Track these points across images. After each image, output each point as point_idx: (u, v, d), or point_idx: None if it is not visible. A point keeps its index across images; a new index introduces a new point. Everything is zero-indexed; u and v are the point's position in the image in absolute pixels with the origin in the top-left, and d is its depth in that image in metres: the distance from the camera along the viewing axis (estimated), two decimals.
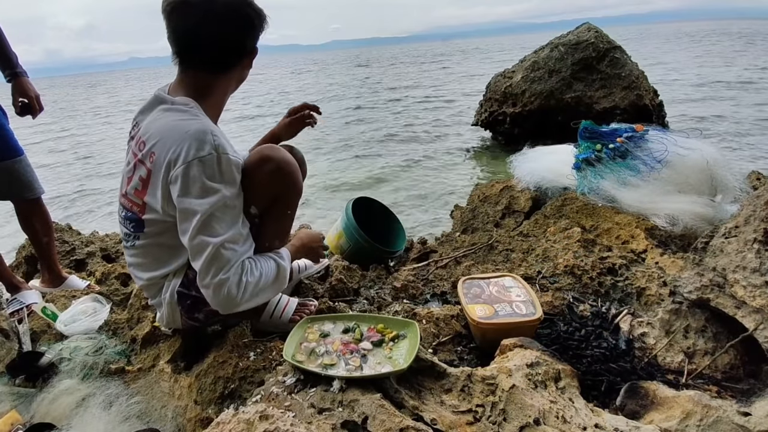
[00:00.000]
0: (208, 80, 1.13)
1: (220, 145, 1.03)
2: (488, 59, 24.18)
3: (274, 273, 1.15)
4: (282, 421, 0.86)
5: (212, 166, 1.01)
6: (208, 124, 1.06)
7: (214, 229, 1.02)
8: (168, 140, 1.03)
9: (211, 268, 1.02)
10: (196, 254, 1.03)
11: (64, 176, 6.59)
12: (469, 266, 1.80)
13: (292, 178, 1.18)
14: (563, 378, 1.05)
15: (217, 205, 1.02)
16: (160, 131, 1.06)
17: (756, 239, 1.15)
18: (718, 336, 1.17)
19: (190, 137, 1.01)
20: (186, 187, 1.01)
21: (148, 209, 1.11)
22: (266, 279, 1.12)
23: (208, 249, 1.01)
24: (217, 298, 1.05)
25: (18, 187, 1.72)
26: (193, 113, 1.07)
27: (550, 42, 5.55)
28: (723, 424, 0.90)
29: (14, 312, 1.64)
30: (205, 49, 1.08)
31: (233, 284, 1.04)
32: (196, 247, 1.03)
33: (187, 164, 1.00)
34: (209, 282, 1.03)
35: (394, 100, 11.53)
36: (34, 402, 1.24)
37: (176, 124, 1.05)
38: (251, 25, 1.10)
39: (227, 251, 1.03)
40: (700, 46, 21.62)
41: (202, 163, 1.00)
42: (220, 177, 1.03)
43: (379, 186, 4.84)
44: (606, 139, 2.12)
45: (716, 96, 8.14)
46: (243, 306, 1.08)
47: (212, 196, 1.02)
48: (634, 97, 4.96)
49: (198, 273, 1.04)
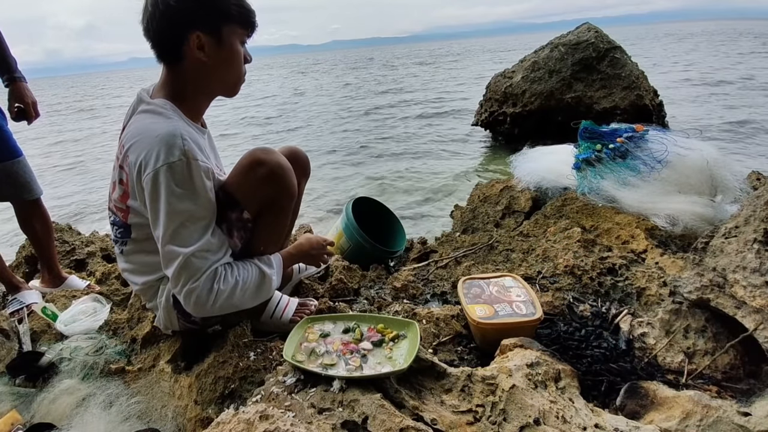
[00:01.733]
0: (174, 75, 1.11)
1: (190, 149, 1.00)
2: (489, 60, 24.18)
3: (256, 280, 1.14)
4: (282, 421, 0.86)
5: (181, 172, 0.99)
6: (180, 127, 1.02)
7: (183, 238, 1.02)
8: (140, 144, 1.02)
9: (180, 277, 1.03)
10: (167, 263, 1.04)
11: (65, 176, 6.59)
12: (469, 266, 1.80)
13: (286, 182, 1.16)
14: (563, 378, 1.05)
15: (186, 214, 1.01)
16: (134, 134, 1.04)
17: (756, 239, 1.15)
18: (718, 336, 1.17)
19: (159, 141, 0.99)
20: (155, 193, 1.00)
21: (132, 213, 1.11)
22: (245, 285, 1.11)
23: (178, 259, 1.01)
24: (187, 305, 1.06)
25: (17, 188, 1.72)
26: (166, 115, 1.06)
27: (550, 42, 5.55)
28: (723, 424, 0.90)
29: (14, 312, 1.64)
30: (152, 38, 1.07)
31: (204, 292, 1.04)
32: (167, 256, 1.03)
33: (156, 171, 0.98)
34: (179, 290, 1.05)
35: (394, 100, 11.53)
36: (34, 402, 1.24)
37: (148, 126, 1.04)
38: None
39: (198, 260, 1.03)
40: (700, 46, 21.61)
41: (171, 169, 0.98)
42: (190, 183, 1.01)
43: (378, 186, 4.84)
44: (606, 139, 2.12)
45: (716, 96, 8.14)
46: (218, 312, 1.09)
47: (181, 203, 1.00)
48: (634, 97, 4.95)
49: (170, 280, 1.06)
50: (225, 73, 1.13)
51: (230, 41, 1.10)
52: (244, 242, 1.19)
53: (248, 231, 1.18)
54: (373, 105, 11.11)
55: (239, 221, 1.15)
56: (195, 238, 1.03)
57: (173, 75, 1.11)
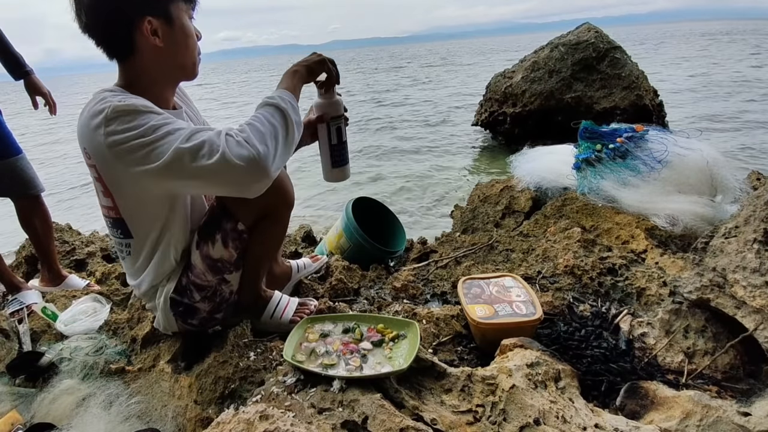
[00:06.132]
0: (129, 70, 1.05)
1: (113, 100, 0.94)
2: (490, 60, 24.16)
3: (270, 111, 1.00)
4: (282, 421, 0.86)
5: (119, 116, 0.92)
6: (107, 96, 0.97)
7: (173, 138, 0.91)
8: (82, 129, 0.98)
9: (202, 155, 0.89)
10: (181, 164, 0.90)
11: (65, 176, 6.59)
12: (469, 266, 1.80)
13: (282, 191, 1.13)
14: (563, 378, 1.05)
15: (156, 125, 0.92)
16: (79, 128, 1.00)
17: (756, 239, 1.15)
18: (718, 336, 1.17)
19: (91, 115, 0.95)
20: (119, 144, 0.92)
21: (120, 206, 1.06)
22: (264, 119, 0.97)
23: (187, 145, 0.89)
24: (237, 174, 0.90)
25: (19, 184, 1.73)
26: (101, 97, 0.98)
27: (550, 42, 5.56)
28: (723, 424, 0.90)
29: (14, 312, 1.64)
30: (98, 34, 1.01)
31: (232, 145, 0.90)
32: (176, 164, 0.90)
33: (102, 125, 0.92)
34: (214, 165, 0.89)
35: (393, 100, 11.52)
36: (35, 402, 1.24)
37: (84, 113, 0.99)
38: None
39: (199, 133, 0.92)
40: (700, 46, 21.61)
41: (114, 112, 0.92)
42: (136, 109, 0.93)
43: (378, 186, 4.84)
44: (606, 139, 2.12)
45: (717, 96, 8.14)
46: (275, 159, 0.94)
47: (145, 122, 0.92)
48: (634, 97, 4.96)
49: (201, 173, 0.90)
50: (182, 56, 1.07)
51: (180, 20, 1.03)
52: (240, 252, 1.17)
53: (243, 242, 1.15)
54: (373, 106, 11.10)
55: (234, 232, 1.12)
56: (182, 127, 0.94)
57: (129, 69, 1.05)
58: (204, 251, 1.13)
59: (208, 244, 1.13)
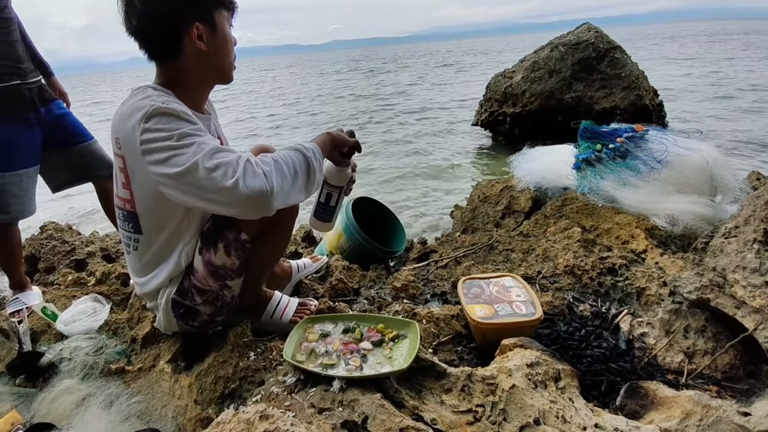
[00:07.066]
0: (171, 71, 1.09)
1: (158, 100, 0.99)
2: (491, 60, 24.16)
3: (296, 156, 1.04)
4: (282, 421, 0.86)
5: (158, 116, 0.96)
6: (152, 94, 1.02)
7: (196, 150, 0.94)
8: (120, 120, 1.01)
9: (217, 177, 0.91)
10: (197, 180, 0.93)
11: None
12: (469, 266, 1.80)
13: None
14: (563, 378, 1.05)
15: (188, 132, 0.96)
16: (116, 117, 1.04)
17: (756, 239, 1.15)
18: (718, 336, 1.17)
19: (133, 109, 0.99)
20: (149, 152, 0.96)
21: (137, 201, 1.07)
22: (287, 162, 1.00)
23: (205, 163, 0.92)
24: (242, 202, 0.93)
25: (97, 165, 1.85)
26: (145, 94, 1.03)
27: (550, 42, 5.56)
28: (723, 424, 0.90)
29: (14, 312, 1.65)
30: (147, 37, 1.06)
31: (248, 174, 0.92)
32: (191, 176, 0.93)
33: (141, 131, 0.96)
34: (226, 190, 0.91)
35: (393, 100, 11.53)
36: (35, 402, 1.24)
37: (125, 104, 1.03)
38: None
39: (222, 153, 0.95)
40: (700, 46, 21.61)
41: (154, 112, 0.96)
42: (174, 114, 0.97)
43: (378, 186, 4.84)
44: (606, 139, 2.12)
45: (717, 96, 8.14)
46: (281, 199, 0.98)
47: (177, 127, 0.96)
48: (634, 97, 4.96)
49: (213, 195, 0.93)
50: (221, 60, 1.13)
51: (222, 26, 1.10)
52: (242, 260, 1.16)
53: (246, 250, 1.15)
54: (374, 103, 11.11)
55: (237, 242, 1.12)
56: (209, 143, 0.97)
57: (170, 71, 1.10)
58: (206, 257, 1.13)
59: (211, 250, 1.13)
